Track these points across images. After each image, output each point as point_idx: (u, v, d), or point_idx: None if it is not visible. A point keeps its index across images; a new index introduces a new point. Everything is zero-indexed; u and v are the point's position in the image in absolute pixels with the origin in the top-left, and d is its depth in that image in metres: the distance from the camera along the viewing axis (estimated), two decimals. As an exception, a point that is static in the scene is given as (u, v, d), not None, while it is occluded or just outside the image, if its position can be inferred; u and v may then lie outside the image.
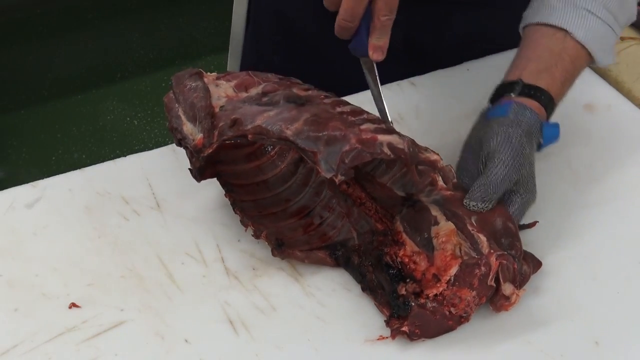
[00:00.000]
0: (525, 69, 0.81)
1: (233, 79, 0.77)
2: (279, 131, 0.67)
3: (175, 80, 0.78)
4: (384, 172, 0.75)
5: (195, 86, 0.75)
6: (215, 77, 0.77)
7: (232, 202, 0.77)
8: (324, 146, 0.66)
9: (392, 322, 0.68)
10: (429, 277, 0.68)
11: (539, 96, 0.79)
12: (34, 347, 0.68)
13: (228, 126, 0.70)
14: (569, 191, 0.84)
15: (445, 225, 0.70)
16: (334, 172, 0.65)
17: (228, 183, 0.78)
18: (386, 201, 0.76)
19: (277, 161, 0.80)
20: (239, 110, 0.71)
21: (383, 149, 0.67)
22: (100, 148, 2.16)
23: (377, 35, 0.76)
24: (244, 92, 0.75)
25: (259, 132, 0.68)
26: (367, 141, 0.66)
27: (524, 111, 0.77)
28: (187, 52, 2.48)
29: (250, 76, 0.77)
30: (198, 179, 0.76)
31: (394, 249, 0.72)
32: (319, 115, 0.69)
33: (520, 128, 0.75)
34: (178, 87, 0.77)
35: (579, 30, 0.81)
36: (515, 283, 0.69)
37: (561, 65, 0.80)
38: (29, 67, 2.45)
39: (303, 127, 0.67)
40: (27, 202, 0.82)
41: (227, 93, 0.75)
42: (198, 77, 0.76)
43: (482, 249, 0.67)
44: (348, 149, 0.66)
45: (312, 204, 0.78)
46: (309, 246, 0.75)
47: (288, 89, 0.74)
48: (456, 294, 0.67)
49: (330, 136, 0.66)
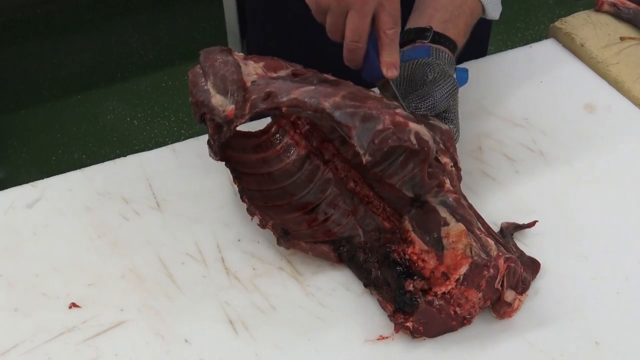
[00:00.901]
0: (433, 17, 0.85)
1: (260, 61, 0.77)
2: (317, 103, 0.67)
3: (204, 55, 0.78)
4: (394, 173, 0.75)
5: (227, 60, 0.75)
6: (243, 57, 0.77)
7: (240, 190, 0.78)
8: (360, 122, 0.66)
9: (397, 316, 0.68)
10: (437, 275, 0.69)
11: (448, 44, 0.84)
12: (34, 347, 0.68)
13: (261, 99, 0.70)
14: (569, 191, 0.84)
15: (455, 226, 0.70)
16: (364, 149, 0.66)
17: (236, 170, 0.79)
18: (395, 201, 0.76)
19: (282, 156, 0.81)
20: (273, 84, 0.72)
21: (410, 137, 0.68)
22: (100, 148, 2.16)
23: (386, 51, 0.76)
24: (273, 73, 0.75)
25: (295, 104, 0.68)
26: (400, 124, 0.67)
27: (441, 53, 0.82)
28: (187, 52, 2.48)
29: (276, 60, 0.78)
30: (217, 155, 0.76)
31: (402, 246, 0.72)
32: (355, 93, 0.69)
33: (446, 66, 0.81)
34: (207, 61, 0.77)
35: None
36: (517, 289, 0.69)
37: (463, 17, 0.86)
38: (29, 67, 2.45)
39: (341, 101, 0.68)
40: (27, 202, 0.82)
41: (257, 72, 0.75)
42: (228, 53, 0.77)
43: (490, 252, 0.68)
44: (381, 128, 0.66)
45: (316, 200, 0.78)
46: (314, 239, 0.75)
47: (317, 73, 0.75)
48: (463, 294, 0.67)
49: (367, 113, 0.67)
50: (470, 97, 0.93)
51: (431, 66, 0.81)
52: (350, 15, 0.75)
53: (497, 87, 0.98)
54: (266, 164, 0.81)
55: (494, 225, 0.79)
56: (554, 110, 0.95)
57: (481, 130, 0.91)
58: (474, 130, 0.90)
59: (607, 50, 1.03)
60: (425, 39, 0.83)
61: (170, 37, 2.57)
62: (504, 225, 0.78)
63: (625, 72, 0.99)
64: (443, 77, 0.80)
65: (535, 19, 2.62)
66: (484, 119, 0.93)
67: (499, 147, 0.89)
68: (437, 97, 0.79)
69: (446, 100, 0.79)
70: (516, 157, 0.88)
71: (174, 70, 2.42)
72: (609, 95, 0.98)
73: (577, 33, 1.06)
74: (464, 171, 0.85)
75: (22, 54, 2.49)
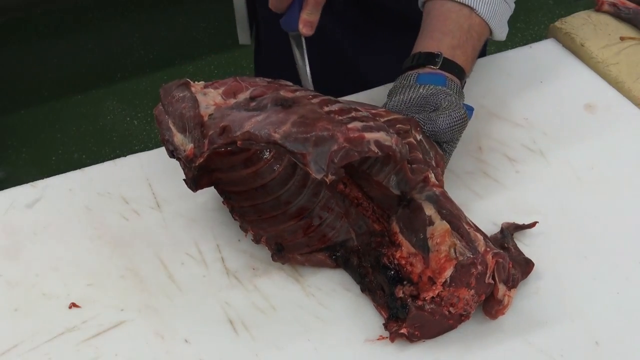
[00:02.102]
0: (442, 42, 0.84)
1: (220, 86, 0.77)
2: (267, 135, 0.67)
3: (163, 92, 0.78)
4: (379, 170, 0.75)
5: (183, 96, 0.75)
6: (202, 86, 0.77)
7: (231, 209, 0.78)
8: (313, 147, 0.66)
9: (390, 325, 0.68)
10: (425, 279, 0.68)
11: (456, 72, 0.83)
12: (34, 347, 0.68)
13: (217, 134, 0.70)
14: (569, 191, 0.84)
15: (440, 225, 0.69)
16: (324, 172, 0.65)
17: (225, 191, 0.78)
18: (383, 201, 0.76)
19: (274, 165, 0.80)
20: (228, 117, 0.71)
21: (371, 147, 0.67)
22: (100, 148, 2.16)
23: (308, 10, 0.81)
24: (232, 99, 0.75)
25: (247, 137, 0.68)
26: (355, 140, 0.67)
27: (456, 86, 0.82)
28: (187, 52, 2.48)
29: (238, 82, 0.77)
30: (194, 189, 0.76)
31: (392, 250, 0.72)
32: (306, 116, 0.69)
33: (459, 100, 0.81)
34: (166, 99, 0.77)
35: (483, 7, 0.86)
36: (508, 284, 0.69)
37: (471, 42, 0.85)
38: (29, 67, 2.45)
39: (291, 129, 0.67)
40: (27, 202, 0.82)
41: (215, 101, 0.75)
42: (185, 87, 0.76)
43: (478, 247, 0.67)
44: (336, 148, 0.66)
45: (311, 205, 0.78)
46: (309, 248, 0.75)
47: (276, 91, 0.74)
48: (454, 294, 0.67)
49: (318, 136, 0.66)
50: (470, 97, 0.93)
51: (448, 95, 0.80)
52: None
53: (497, 87, 0.98)
54: (259, 177, 0.80)
55: (494, 225, 0.79)
56: (554, 110, 0.95)
57: (481, 130, 0.91)
58: (474, 130, 0.90)
59: (607, 50, 1.03)
60: (435, 65, 0.82)
61: (170, 37, 2.57)
62: (504, 225, 0.78)
63: (625, 72, 0.99)
64: (454, 107, 0.79)
65: (535, 19, 2.62)
66: (484, 119, 0.93)
67: (499, 147, 0.89)
68: (442, 127, 0.77)
69: (450, 131, 0.78)
70: (516, 157, 0.88)
71: (174, 70, 2.42)
72: (609, 95, 0.98)
73: (577, 33, 1.06)
74: (464, 171, 0.85)
75: (22, 54, 2.49)
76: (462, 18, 0.85)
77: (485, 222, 0.78)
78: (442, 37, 0.85)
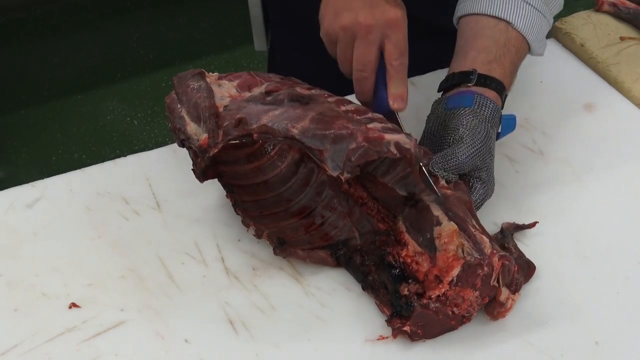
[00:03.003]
0: (476, 59, 0.82)
1: (235, 79, 0.76)
2: (285, 130, 0.67)
3: (177, 80, 0.78)
4: (385, 172, 0.75)
5: (199, 86, 0.75)
6: (217, 77, 0.77)
7: (234, 203, 0.77)
8: (331, 144, 0.66)
9: (393, 322, 0.68)
10: (431, 278, 0.68)
11: (494, 86, 0.80)
12: (34, 347, 0.68)
13: (233, 125, 0.69)
14: (569, 191, 0.84)
15: (447, 226, 0.70)
16: (340, 170, 0.65)
17: (229, 184, 0.78)
18: (388, 201, 0.76)
19: (277, 161, 0.80)
20: (244, 109, 0.71)
21: (390, 148, 0.67)
22: (100, 148, 2.16)
23: (394, 83, 0.76)
24: (247, 92, 0.75)
25: (264, 131, 0.68)
26: (374, 139, 0.67)
27: (486, 102, 0.78)
28: (187, 52, 2.48)
29: (252, 76, 0.77)
30: (201, 180, 0.76)
31: (397, 248, 0.72)
32: (324, 114, 0.69)
33: (485, 120, 0.77)
34: (180, 87, 0.76)
35: (520, 20, 0.83)
36: (511, 287, 0.69)
37: (509, 56, 0.83)
38: (29, 67, 2.44)
39: (309, 125, 0.67)
40: (27, 202, 0.82)
41: (230, 93, 0.75)
42: (201, 77, 0.76)
43: (484, 249, 0.67)
44: (355, 146, 0.66)
45: (313, 204, 0.78)
46: (311, 245, 0.75)
47: (291, 88, 0.74)
48: (459, 294, 0.67)
49: (337, 134, 0.66)
50: (470, 97, 0.93)
51: (464, 118, 0.77)
52: (356, 45, 0.75)
53: (497, 87, 0.98)
54: (261, 172, 0.80)
55: (494, 225, 0.79)
56: (554, 110, 0.95)
57: (481, 130, 0.91)
58: (474, 130, 0.90)
59: (607, 50, 1.03)
60: (470, 82, 0.80)
61: (170, 37, 2.57)
62: (504, 226, 0.78)
63: (625, 72, 0.99)
64: (471, 133, 0.75)
65: (535, 19, 2.61)
66: (484, 119, 0.93)
67: (499, 147, 0.89)
68: (462, 159, 0.74)
69: (472, 160, 0.74)
70: (516, 157, 0.88)
71: (174, 70, 2.41)
72: (609, 95, 0.98)
73: (577, 33, 1.06)
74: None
75: (22, 54, 2.49)
76: (497, 33, 0.83)
77: (485, 222, 0.78)
78: (476, 55, 0.82)
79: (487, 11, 0.83)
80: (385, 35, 0.75)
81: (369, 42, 0.75)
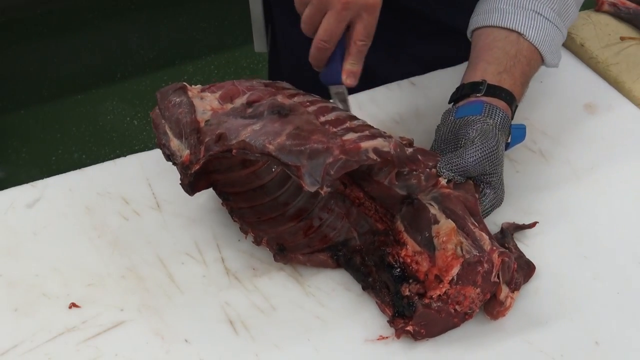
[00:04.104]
0: (487, 70, 0.82)
1: (218, 90, 0.77)
2: (262, 146, 0.67)
3: (160, 96, 0.78)
4: (379, 170, 0.75)
5: (180, 101, 0.75)
6: (199, 90, 0.77)
7: (230, 211, 0.78)
8: (307, 160, 0.66)
9: (396, 322, 0.68)
10: (431, 278, 0.68)
11: (504, 96, 0.80)
12: (34, 347, 0.68)
13: (214, 141, 0.70)
14: (569, 191, 0.84)
15: (445, 224, 0.69)
16: (318, 184, 0.66)
17: (224, 192, 0.78)
18: (385, 200, 0.76)
19: (272, 165, 0.80)
20: (224, 124, 0.71)
21: (369, 155, 0.68)
22: (100, 148, 2.16)
23: (352, 60, 0.78)
24: (229, 103, 0.75)
25: (242, 147, 0.68)
26: (351, 150, 0.67)
27: (496, 110, 0.78)
28: (187, 52, 2.48)
29: (235, 86, 0.77)
30: (191, 193, 0.76)
31: (396, 248, 0.72)
32: (301, 128, 0.69)
33: (495, 126, 0.77)
34: (163, 103, 0.77)
35: (531, 31, 0.83)
36: (511, 285, 0.69)
37: (519, 67, 0.82)
38: (29, 67, 2.44)
39: (286, 141, 0.68)
40: (27, 202, 0.82)
41: (212, 106, 0.75)
42: (182, 92, 0.76)
43: (484, 246, 0.67)
44: (332, 160, 0.66)
45: (310, 206, 0.78)
46: (311, 249, 0.75)
47: (273, 96, 0.74)
48: (460, 292, 0.67)
49: (312, 149, 0.67)
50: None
51: (475, 124, 0.77)
52: (327, 15, 0.76)
53: (497, 87, 0.98)
54: (257, 177, 0.80)
55: (494, 225, 0.79)
56: (554, 110, 0.95)
57: (481, 130, 0.91)
58: (474, 130, 0.90)
59: (607, 50, 1.03)
60: (479, 92, 0.80)
61: (170, 37, 2.57)
62: (504, 225, 0.78)
63: (625, 72, 1.00)
64: (482, 137, 0.75)
65: (535, 19, 2.61)
66: (484, 119, 0.93)
67: (499, 147, 0.89)
68: (470, 161, 0.73)
69: (480, 163, 0.73)
70: (516, 157, 0.88)
71: (174, 70, 2.42)
72: (609, 95, 0.98)
73: (577, 33, 1.06)
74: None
75: (22, 54, 2.49)
76: (508, 45, 0.83)
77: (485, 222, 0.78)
78: (487, 67, 0.82)
79: (498, 23, 0.84)
80: (359, 15, 0.76)
81: (341, 18, 0.75)
